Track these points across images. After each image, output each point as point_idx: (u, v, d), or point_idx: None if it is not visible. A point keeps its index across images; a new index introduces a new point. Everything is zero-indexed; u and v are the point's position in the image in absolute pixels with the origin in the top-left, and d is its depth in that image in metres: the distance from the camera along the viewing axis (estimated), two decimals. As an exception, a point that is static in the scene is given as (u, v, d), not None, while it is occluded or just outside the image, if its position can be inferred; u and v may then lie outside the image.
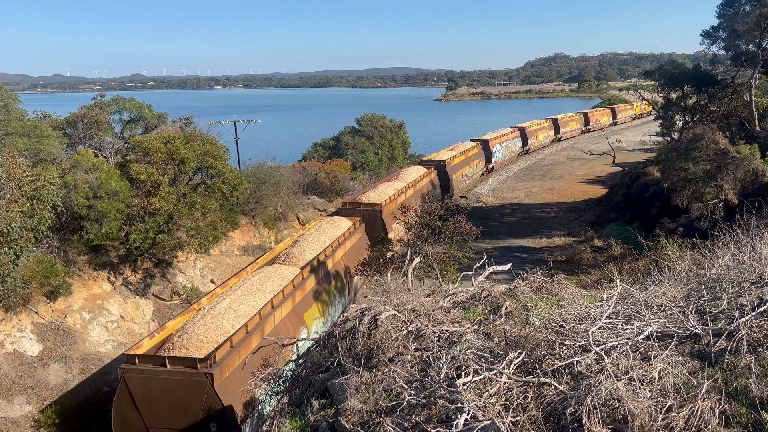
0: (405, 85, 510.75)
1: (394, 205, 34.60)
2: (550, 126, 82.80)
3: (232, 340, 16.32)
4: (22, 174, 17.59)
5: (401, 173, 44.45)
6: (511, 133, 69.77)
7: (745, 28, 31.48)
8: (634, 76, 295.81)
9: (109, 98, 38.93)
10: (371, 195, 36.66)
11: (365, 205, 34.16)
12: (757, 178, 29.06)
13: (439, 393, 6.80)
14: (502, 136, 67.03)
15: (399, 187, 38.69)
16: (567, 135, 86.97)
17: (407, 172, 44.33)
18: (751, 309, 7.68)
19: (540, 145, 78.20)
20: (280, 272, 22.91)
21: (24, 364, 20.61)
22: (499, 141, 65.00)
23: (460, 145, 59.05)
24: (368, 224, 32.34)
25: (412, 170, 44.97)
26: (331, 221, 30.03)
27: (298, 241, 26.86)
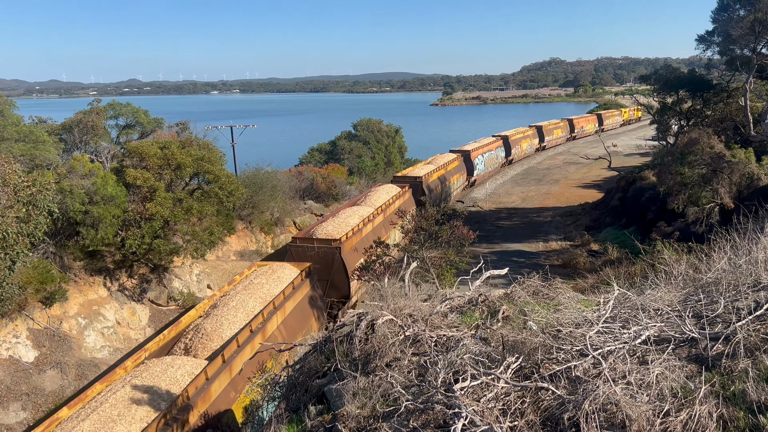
0: (401, 89, 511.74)
1: (358, 239, 28.75)
2: (535, 134, 79.28)
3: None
4: (17, 179, 17.54)
5: (370, 194, 37.95)
6: (493, 143, 65.72)
7: (739, 32, 31.60)
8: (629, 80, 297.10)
9: (105, 103, 38.95)
10: (329, 227, 29.34)
11: (321, 242, 27.14)
12: (752, 182, 29.15)
13: (436, 398, 6.79)
14: (484, 146, 62.67)
15: (365, 213, 32.11)
16: (552, 143, 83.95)
17: (377, 194, 37.74)
18: (748, 313, 7.68)
19: (524, 154, 74.89)
20: (165, 376, 14.81)
21: (19, 371, 20.51)
22: (481, 151, 60.79)
23: (438, 157, 54.92)
24: (323, 267, 26.19)
25: (383, 190, 38.70)
26: (271, 270, 22.76)
27: (218, 306, 19.67)
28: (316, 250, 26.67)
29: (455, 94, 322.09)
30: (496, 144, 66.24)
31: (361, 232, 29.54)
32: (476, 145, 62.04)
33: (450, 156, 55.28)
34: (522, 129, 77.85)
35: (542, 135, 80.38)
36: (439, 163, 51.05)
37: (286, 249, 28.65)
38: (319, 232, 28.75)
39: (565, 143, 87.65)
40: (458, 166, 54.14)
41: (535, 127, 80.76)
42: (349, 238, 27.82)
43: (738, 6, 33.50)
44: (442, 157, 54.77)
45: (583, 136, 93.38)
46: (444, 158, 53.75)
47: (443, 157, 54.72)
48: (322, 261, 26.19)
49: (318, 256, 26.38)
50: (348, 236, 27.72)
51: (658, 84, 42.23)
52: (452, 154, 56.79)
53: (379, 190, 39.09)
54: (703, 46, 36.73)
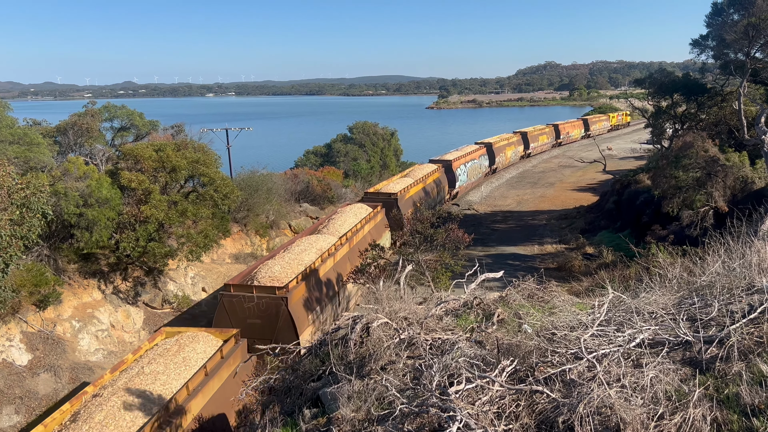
0: (397, 93, 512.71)
1: (313, 282, 22.42)
2: (519, 140, 74.32)
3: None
4: (11, 182, 17.47)
5: (335, 218, 31.40)
6: (476, 151, 60.91)
7: (733, 37, 31.75)
8: (624, 84, 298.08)
9: (100, 106, 38.88)
10: (276, 267, 22.76)
11: (262, 290, 20.94)
12: (746, 186, 29.27)
13: (431, 401, 6.78)
14: (467, 154, 57.76)
15: (325, 245, 25.86)
16: (537, 150, 79.59)
17: (343, 216, 31.38)
18: (742, 316, 7.70)
19: (509, 162, 70.13)
20: None
21: (13, 374, 20.41)
22: (463, 161, 55.91)
23: (417, 168, 49.70)
24: (265, 323, 20.48)
25: (350, 212, 32.45)
26: (177, 346, 16.68)
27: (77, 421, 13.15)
28: (256, 301, 20.57)
29: (451, 98, 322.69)
30: (480, 152, 61.76)
31: (317, 272, 23.44)
32: (458, 153, 57.23)
33: (429, 167, 50.04)
34: (506, 135, 73.37)
35: (527, 141, 76.13)
36: (417, 176, 45.90)
37: (217, 299, 22.23)
38: (262, 275, 22.28)
39: (550, 150, 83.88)
40: (439, 178, 48.89)
41: (520, 134, 76.24)
42: (300, 283, 21.89)
43: (732, 10, 33.68)
44: (421, 168, 49.54)
45: (569, 142, 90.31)
46: (423, 169, 48.59)
47: (422, 168, 49.50)
48: (264, 315, 20.49)
49: (258, 308, 20.55)
50: (299, 280, 21.84)
51: (653, 88, 42.46)
52: (432, 164, 51.58)
53: (346, 211, 32.83)
54: (697, 50, 36.91)
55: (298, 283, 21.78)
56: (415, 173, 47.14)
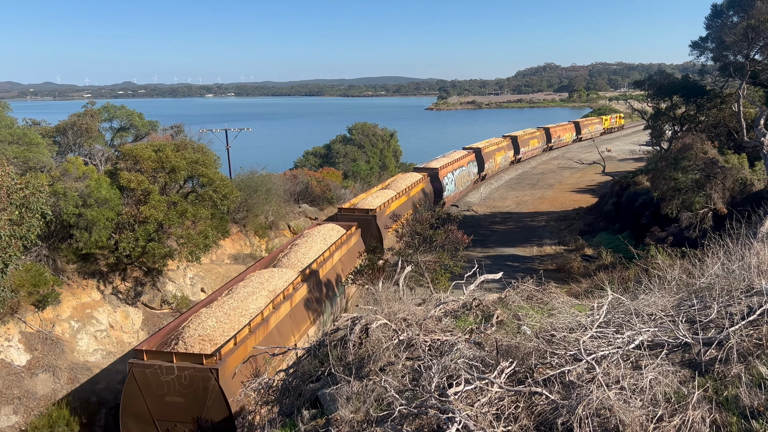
0: (396, 94, 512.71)
1: (239, 359, 15.86)
2: (509, 145, 71.29)
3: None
4: (10, 182, 17.45)
5: (299, 242, 26.61)
6: (465, 157, 57.34)
7: (732, 39, 31.78)
8: (623, 86, 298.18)
9: (99, 106, 38.85)
10: (210, 321, 17.82)
11: (184, 358, 16.05)
12: (745, 188, 29.31)
13: (430, 403, 6.78)
14: (454, 161, 54.08)
15: (280, 286, 20.83)
16: (528, 155, 76.40)
17: (310, 240, 26.74)
18: (741, 318, 7.71)
19: (498, 168, 66.78)
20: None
21: (11, 374, 20.38)
22: (450, 168, 52.06)
23: (400, 178, 45.21)
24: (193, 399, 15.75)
25: (318, 235, 27.74)
26: None
27: None
28: (177, 373, 15.70)
29: (450, 99, 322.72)
30: (468, 158, 58.02)
31: (266, 324, 18.01)
32: (445, 161, 53.19)
33: (413, 177, 45.58)
34: (495, 140, 69.62)
35: (517, 146, 73.02)
36: (399, 187, 41.34)
37: None
38: (190, 333, 17.22)
39: (541, 154, 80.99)
40: (424, 188, 44.73)
41: (510, 138, 73.04)
42: (239, 345, 16.62)
43: (731, 12, 33.73)
44: (404, 178, 45.10)
45: (561, 146, 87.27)
46: (406, 179, 44.22)
47: (405, 178, 45.06)
48: (188, 392, 15.81)
49: (180, 383, 15.73)
50: (237, 341, 16.63)
51: (652, 89, 42.49)
52: (416, 173, 47.36)
53: (314, 234, 27.86)
54: (696, 52, 36.96)
55: (237, 345, 16.60)
56: (398, 184, 42.75)
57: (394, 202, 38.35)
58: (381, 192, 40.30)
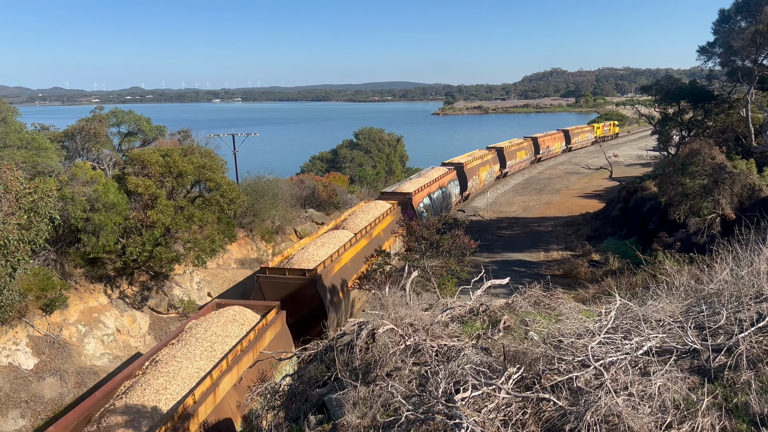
0: (403, 99, 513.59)
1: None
2: (495, 159, 64.44)
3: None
4: (19, 186, 17.55)
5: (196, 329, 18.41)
6: (445, 176, 49.86)
7: (740, 44, 31.71)
8: (630, 91, 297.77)
9: (107, 111, 39.04)
10: None
11: None
12: (753, 193, 29.15)
13: (437, 408, 6.76)
14: (432, 182, 46.14)
15: None
16: (515, 168, 70.09)
17: (210, 329, 18.27)
18: (750, 324, 7.65)
19: (483, 185, 60.00)
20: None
21: (19, 378, 20.45)
22: (427, 191, 44.02)
23: (362, 210, 34.56)
24: None
25: (217, 324, 18.69)
26: None
27: None
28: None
29: (457, 104, 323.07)
30: (448, 177, 50.72)
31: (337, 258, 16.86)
32: (421, 182, 45.14)
33: (380, 207, 35.66)
34: (479, 153, 63.15)
35: (503, 159, 66.36)
36: (359, 225, 31.21)
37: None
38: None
39: (529, 167, 74.77)
40: (393, 222, 33.49)
41: (495, 150, 66.29)
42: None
43: (739, 17, 33.64)
44: (368, 209, 34.96)
45: (550, 157, 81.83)
46: (370, 211, 34.26)
47: (369, 209, 34.93)
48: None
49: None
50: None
51: (660, 94, 42.40)
52: (384, 202, 37.23)
53: (209, 321, 19.00)
54: (704, 57, 36.91)
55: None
56: (357, 220, 32.22)
57: (349, 250, 27.38)
58: (331, 235, 28.91)
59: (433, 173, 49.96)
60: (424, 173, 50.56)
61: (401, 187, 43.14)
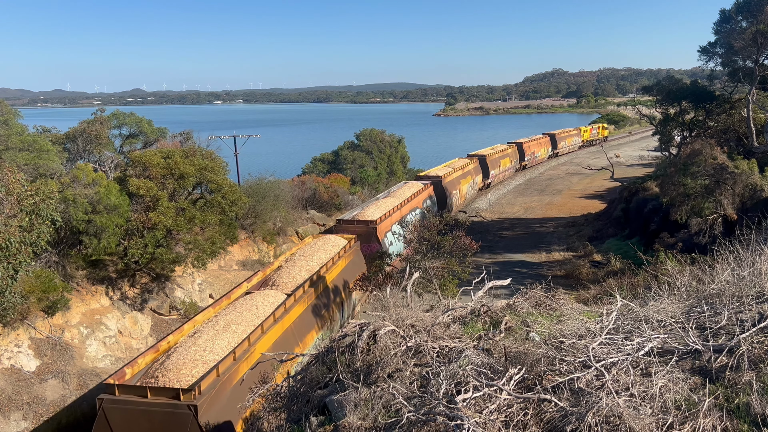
0: (404, 100, 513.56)
1: None
2: (477, 168, 58.46)
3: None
4: (21, 189, 17.58)
5: None
6: (420, 193, 41.84)
7: (741, 44, 31.69)
8: (632, 91, 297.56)
9: (109, 113, 39.14)
10: None
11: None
12: (755, 193, 29.11)
13: (438, 409, 6.75)
14: (403, 203, 37.55)
15: None
16: (499, 178, 64.44)
17: None
18: (752, 325, 7.64)
19: (464, 201, 54.04)
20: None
21: (21, 380, 20.47)
22: (397, 217, 35.48)
23: (311, 246, 26.77)
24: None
25: None
26: None
27: None
28: None
29: (458, 105, 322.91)
30: (424, 194, 43.05)
31: None
32: (392, 203, 36.82)
33: (334, 243, 27.38)
34: (460, 163, 56.83)
35: (486, 168, 60.52)
36: (311, 266, 23.84)
37: None
38: None
39: (514, 175, 69.78)
40: (353, 262, 27.28)
41: (477, 158, 60.16)
42: None
43: (740, 18, 33.62)
44: (318, 245, 26.82)
45: (536, 163, 76.97)
46: (321, 248, 26.26)
47: (320, 246, 26.69)
48: None
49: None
50: None
51: (661, 95, 42.37)
52: (339, 238, 28.53)
53: None
54: (705, 57, 36.89)
55: None
56: (295, 270, 23.52)
57: (265, 337, 17.88)
58: (245, 306, 19.85)
59: (405, 191, 41.31)
60: (395, 191, 41.97)
61: (364, 213, 34.94)
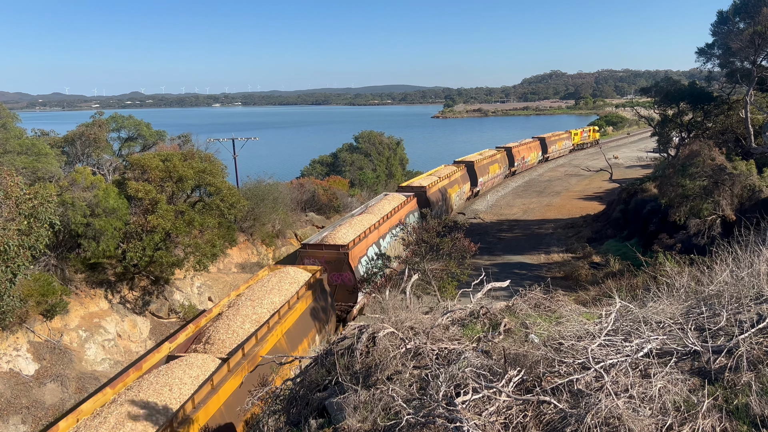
0: (403, 102, 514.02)
1: None
2: (465, 176, 55.28)
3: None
4: (19, 192, 17.57)
5: None
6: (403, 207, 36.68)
7: (739, 45, 31.73)
8: (630, 93, 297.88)
9: (107, 116, 39.08)
10: None
11: None
12: (753, 194, 29.14)
13: (438, 412, 6.75)
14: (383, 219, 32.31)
15: None
16: (488, 185, 61.93)
17: None
18: (751, 326, 7.64)
19: (453, 213, 49.48)
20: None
21: (20, 384, 20.44)
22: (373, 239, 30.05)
23: (265, 281, 23.47)
24: None
25: None
26: None
27: None
28: None
29: (456, 107, 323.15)
30: (407, 207, 37.64)
31: None
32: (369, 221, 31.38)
33: (296, 279, 23.58)
34: (446, 170, 53.32)
35: (474, 176, 57.44)
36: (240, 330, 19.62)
37: None
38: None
39: (503, 181, 67.04)
40: (315, 304, 23.21)
41: (464, 165, 57.10)
42: None
43: (737, 19, 33.69)
44: (277, 281, 23.29)
45: (525, 169, 74.53)
46: (285, 284, 22.94)
47: (280, 281, 23.19)
48: None
49: None
50: None
51: (659, 96, 42.41)
52: (303, 270, 24.88)
53: None
54: (703, 58, 36.92)
55: None
56: (254, 301, 21.29)
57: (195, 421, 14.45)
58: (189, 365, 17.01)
59: (385, 206, 36.16)
60: (373, 205, 36.61)
61: (334, 235, 28.72)
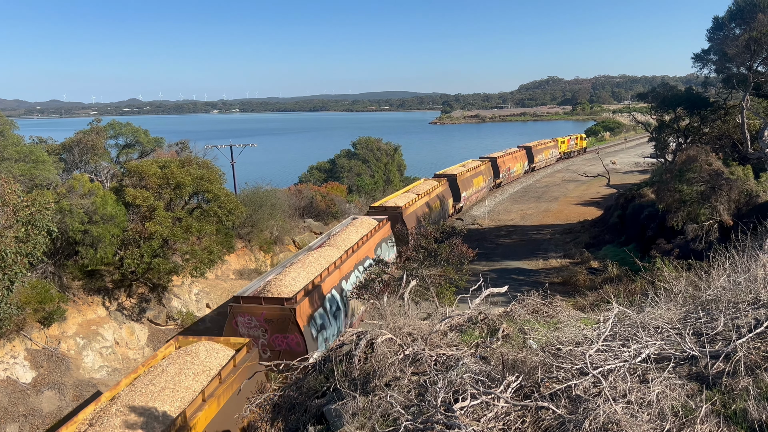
0: (400, 108, 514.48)
1: None
2: (447, 191, 50.19)
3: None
4: (17, 199, 17.56)
5: None
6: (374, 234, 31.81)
7: (735, 51, 31.86)
8: (627, 98, 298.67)
9: (105, 123, 39.15)
10: None
11: None
12: (750, 199, 29.21)
13: (436, 418, 6.74)
14: (348, 254, 27.33)
15: None
16: (471, 200, 57.17)
17: None
18: (748, 330, 7.65)
19: None
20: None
21: (17, 391, 20.36)
22: (337, 277, 25.49)
23: (168, 364, 16.66)
24: None
25: None
26: None
27: None
28: None
29: (454, 113, 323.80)
30: (380, 235, 32.58)
31: None
32: (330, 256, 26.58)
33: (210, 361, 17.31)
34: (426, 186, 47.59)
35: (457, 191, 52.33)
36: None
37: None
38: None
39: (488, 194, 62.71)
40: (242, 393, 15.16)
41: (446, 178, 52.03)
42: None
43: (733, 25, 33.85)
44: (182, 364, 16.69)
45: (511, 180, 70.67)
46: (194, 369, 16.66)
47: (187, 367, 16.61)
48: None
49: None
50: None
51: (656, 102, 42.55)
52: (224, 347, 18.37)
53: None
54: (699, 64, 37.07)
55: None
56: (154, 395, 15.16)
57: None
58: None
59: (351, 235, 30.43)
60: (337, 233, 30.98)
61: (279, 282, 23.36)
